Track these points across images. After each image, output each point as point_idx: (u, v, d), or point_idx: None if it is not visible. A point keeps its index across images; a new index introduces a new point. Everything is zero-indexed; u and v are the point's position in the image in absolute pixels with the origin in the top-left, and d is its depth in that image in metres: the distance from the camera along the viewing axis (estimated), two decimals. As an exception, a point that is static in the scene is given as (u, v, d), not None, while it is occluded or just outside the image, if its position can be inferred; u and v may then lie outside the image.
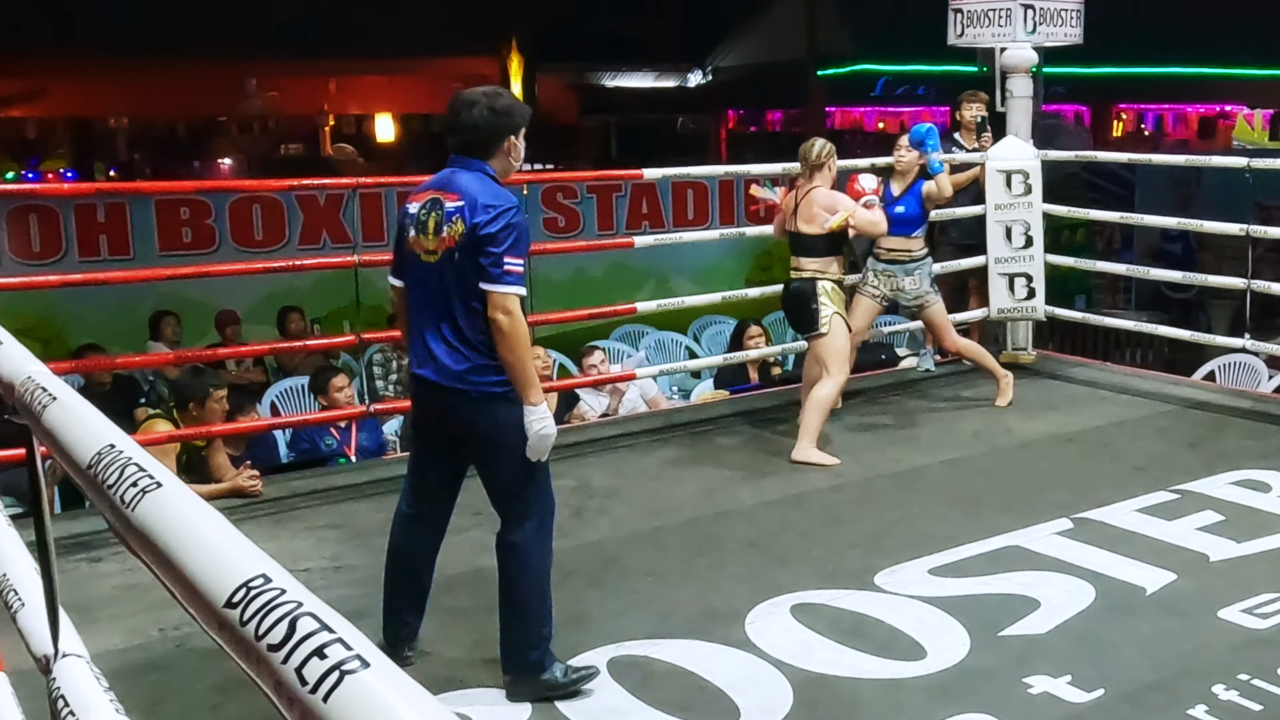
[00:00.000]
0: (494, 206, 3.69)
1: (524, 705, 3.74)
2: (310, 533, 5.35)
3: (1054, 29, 7.82)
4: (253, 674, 1.11)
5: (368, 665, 0.99)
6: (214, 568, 1.23)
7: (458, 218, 3.70)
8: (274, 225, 10.65)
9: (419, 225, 3.80)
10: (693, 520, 5.42)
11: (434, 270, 3.76)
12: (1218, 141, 24.94)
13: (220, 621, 1.17)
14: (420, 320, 3.84)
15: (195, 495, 1.45)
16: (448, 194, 3.77)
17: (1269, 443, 6.33)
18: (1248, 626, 4.17)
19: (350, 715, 0.96)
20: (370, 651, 1.01)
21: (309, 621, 1.05)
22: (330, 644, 1.01)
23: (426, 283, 3.80)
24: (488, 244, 3.66)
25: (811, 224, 6.17)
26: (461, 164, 3.85)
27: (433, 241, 3.75)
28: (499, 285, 3.67)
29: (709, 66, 26.30)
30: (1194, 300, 13.44)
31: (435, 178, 3.90)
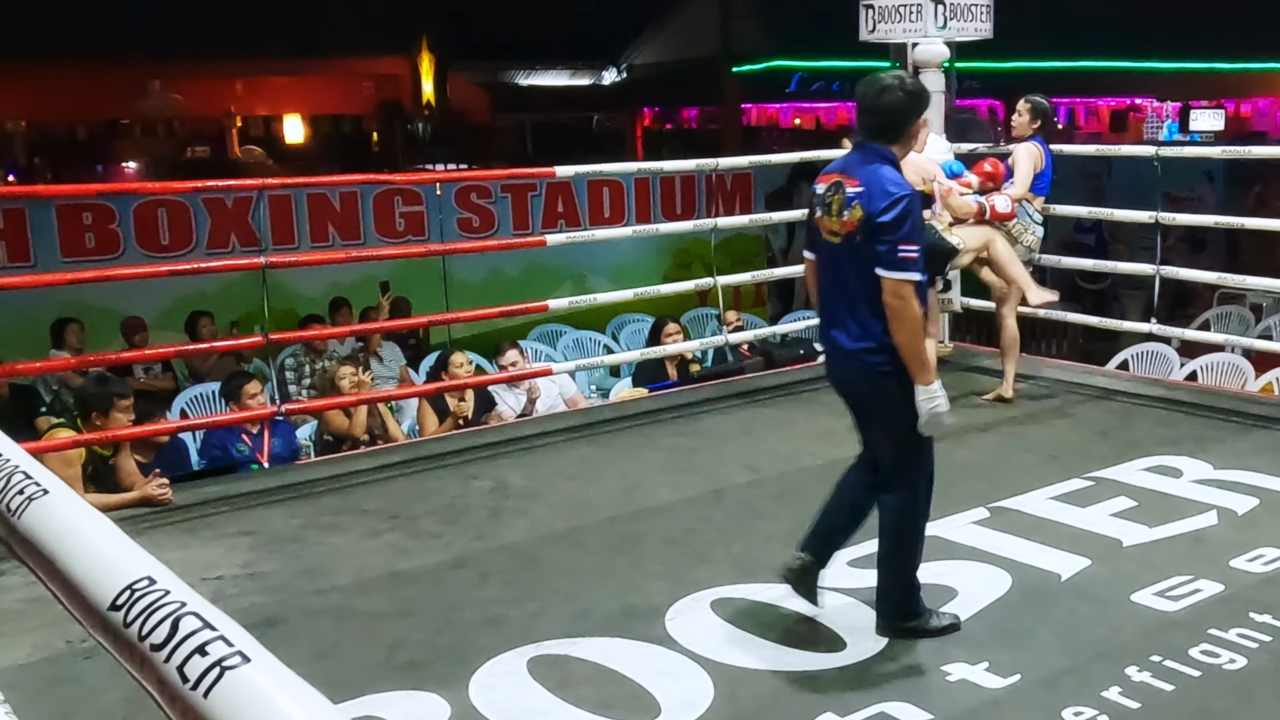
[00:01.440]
0: (891, 194, 3.82)
1: (444, 707, 3.68)
2: (222, 540, 5.25)
3: (965, 24, 7.88)
4: (138, 675, 1.12)
5: (248, 660, 1.00)
6: (98, 571, 1.24)
7: (857, 203, 3.86)
8: (180, 229, 10.46)
9: (824, 205, 3.99)
10: (611, 519, 5.39)
11: (837, 250, 3.96)
12: (1129, 134, 25.44)
13: (104, 624, 1.18)
14: (826, 294, 4.07)
15: (83, 501, 1.42)
16: (849, 179, 3.92)
17: (1180, 429, 6.43)
18: (1160, 609, 4.22)
19: (230, 710, 0.98)
20: (252, 648, 1.00)
21: (191, 620, 1.06)
22: (211, 641, 1.03)
23: (832, 260, 4.02)
24: (884, 231, 3.80)
25: None
26: (867, 148, 3.98)
27: (835, 223, 3.94)
28: (894, 271, 3.81)
29: (623, 64, 26.33)
30: (1108, 291, 13.68)
31: (841, 160, 4.09)
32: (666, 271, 12.43)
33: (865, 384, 4.02)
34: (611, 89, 26.94)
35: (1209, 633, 3.99)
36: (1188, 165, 8.05)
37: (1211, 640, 3.94)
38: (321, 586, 4.72)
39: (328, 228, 11.02)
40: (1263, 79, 27.12)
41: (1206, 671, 3.75)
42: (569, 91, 26.85)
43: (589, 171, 7.89)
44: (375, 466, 6.27)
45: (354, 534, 5.30)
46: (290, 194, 10.64)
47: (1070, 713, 3.52)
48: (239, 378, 7.05)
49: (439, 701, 3.73)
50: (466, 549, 5.07)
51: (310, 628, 4.34)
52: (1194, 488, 5.46)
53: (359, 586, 4.71)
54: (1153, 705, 3.56)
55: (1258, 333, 9.71)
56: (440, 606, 4.48)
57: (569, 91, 26.85)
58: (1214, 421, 6.56)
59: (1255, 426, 6.39)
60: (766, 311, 13.05)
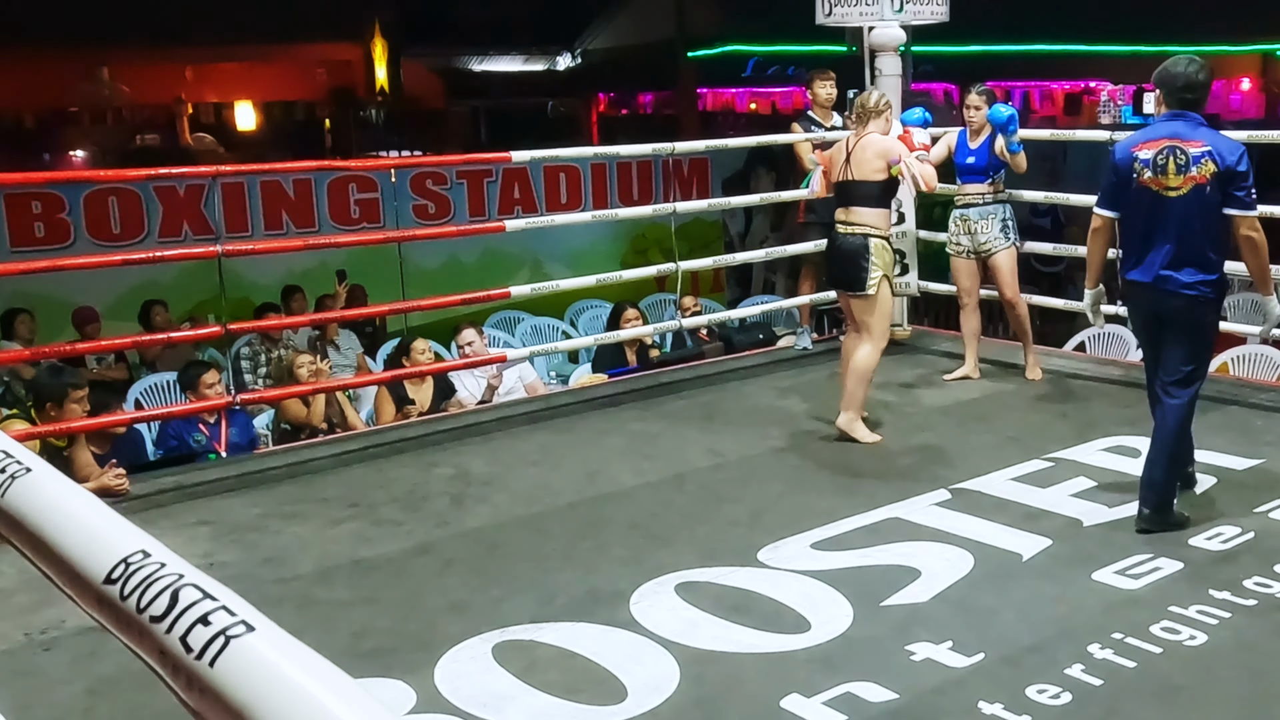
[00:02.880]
0: (1238, 148, 4.63)
1: (409, 694, 3.67)
2: (180, 530, 5.19)
3: (920, 7, 7.91)
4: (135, 648, 1.12)
5: (253, 629, 1.00)
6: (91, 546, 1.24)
7: (1207, 159, 4.57)
8: (132, 218, 10.32)
9: (1156, 168, 4.65)
10: (574, 504, 5.39)
11: (1175, 203, 4.62)
12: (1083, 117, 25.61)
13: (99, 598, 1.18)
14: (1147, 241, 4.71)
15: (67, 479, 1.40)
16: (1188, 142, 4.61)
17: (1137, 410, 6.42)
18: (1120, 587, 4.26)
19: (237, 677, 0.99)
20: (256, 617, 1.00)
21: (192, 591, 1.07)
22: (214, 611, 1.04)
23: (1167, 212, 4.64)
24: (1239, 179, 4.57)
25: (869, 169, 5.98)
26: (1183, 117, 4.69)
27: (1177, 180, 4.60)
28: (1248, 210, 4.62)
29: (578, 49, 26.23)
30: (1063, 274, 13.77)
31: (1159, 129, 4.74)
32: (623, 257, 12.40)
33: (1192, 310, 4.68)
34: (566, 74, 26.85)
35: (1170, 610, 4.03)
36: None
37: (1172, 617, 3.98)
38: (283, 575, 4.69)
39: (282, 215, 10.92)
40: (1215, 61, 27.28)
41: (1168, 648, 3.79)
42: (523, 77, 26.74)
43: (545, 157, 7.87)
44: (334, 455, 6.24)
45: (314, 523, 5.27)
46: (243, 181, 10.53)
47: (1034, 690, 3.54)
48: (196, 367, 6.98)
49: (404, 689, 3.71)
50: (429, 536, 5.05)
51: (272, 617, 4.19)
52: (1152, 467, 5.50)
53: (321, 575, 4.68)
54: (1115, 682, 3.59)
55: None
56: (403, 594, 4.46)
57: (523, 77, 26.74)
58: (1170, 401, 6.60)
59: (1212, 406, 6.42)
60: (725, 296, 13.06)
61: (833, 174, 6.20)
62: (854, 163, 6.04)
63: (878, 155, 5.99)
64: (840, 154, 6.17)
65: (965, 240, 7.11)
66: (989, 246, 7.06)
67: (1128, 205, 4.81)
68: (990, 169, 7.05)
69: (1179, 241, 4.63)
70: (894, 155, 5.98)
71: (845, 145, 6.16)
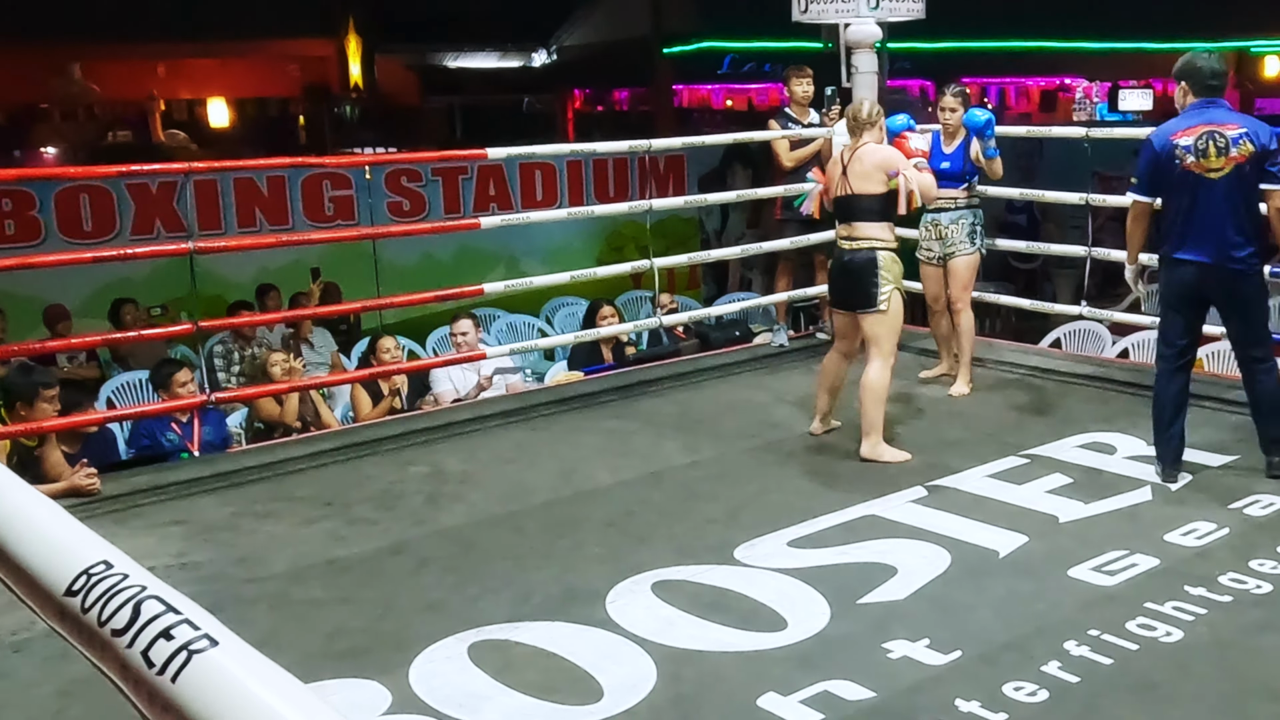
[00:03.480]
0: (1267, 129, 5.04)
1: (384, 694, 3.64)
2: (153, 530, 5.16)
3: (896, 4, 7.90)
4: (97, 661, 1.10)
5: (216, 644, 0.97)
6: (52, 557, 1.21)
7: (1245, 140, 4.95)
8: (104, 215, 10.27)
9: (1198, 152, 4.98)
10: (550, 502, 5.36)
11: (1218, 184, 4.98)
12: (1058, 114, 25.67)
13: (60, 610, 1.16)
14: (1192, 222, 5.05)
15: (29, 486, 1.36)
16: (1225, 125, 4.99)
17: (1113, 406, 6.50)
18: (1097, 584, 4.27)
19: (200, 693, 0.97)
20: (219, 631, 0.97)
21: (154, 604, 1.03)
22: (177, 625, 1.00)
23: (1207, 193, 4.99)
24: (1273, 156, 4.99)
25: (868, 183, 5.81)
26: (1213, 104, 5.08)
27: (1219, 161, 4.97)
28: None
29: (553, 46, 26.15)
30: (1039, 270, 13.83)
31: (1194, 116, 5.06)
32: (599, 254, 12.40)
33: (1246, 282, 5.10)
34: (542, 71, 26.77)
35: (1145, 606, 4.03)
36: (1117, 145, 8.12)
37: (1148, 614, 3.98)
38: (256, 575, 4.65)
39: (255, 212, 10.87)
40: (1192, 59, 27.45)
41: (1144, 644, 3.79)
42: (499, 74, 26.65)
43: (521, 154, 7.84)
44: (308, 453, 6.19)
45: (288, 522, 5.23)
46: (216, 178, 10.49)
47: (1011, 688, 3.54)
48: (168, 366, 6.92)
49: (379, 689, 3.68)
50: (404, 535, 5.02)
51: (245, 617, 4.26)
52: (1128, 464, 5.53)
53: (295, 575, 4.65)
54: (1092, 679, 3.59)
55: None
56: (378, 593, 4.43)
57: (499, 74, 26.65)
58: (1146, 398, 6.53)
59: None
60: (701, 293, 13.06)
61: (830, 190, 6.02)
62: (852, 176, 5.84)
63: (877, 167, 5.80)
64: (836, 168, 5.98)
65: (935, 246, 7.03)
66: (952, 250, 7.00)
67: (1170, 190, 5.13)
68: (966, 174, 6.99)
69: (1225, 220, 5.00)
70: (893, 168, 5.82)
71: (840, 159, 5.99)
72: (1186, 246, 5.09)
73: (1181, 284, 5.21)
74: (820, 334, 8.36)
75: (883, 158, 5.85)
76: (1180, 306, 5.27)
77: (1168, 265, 5.24)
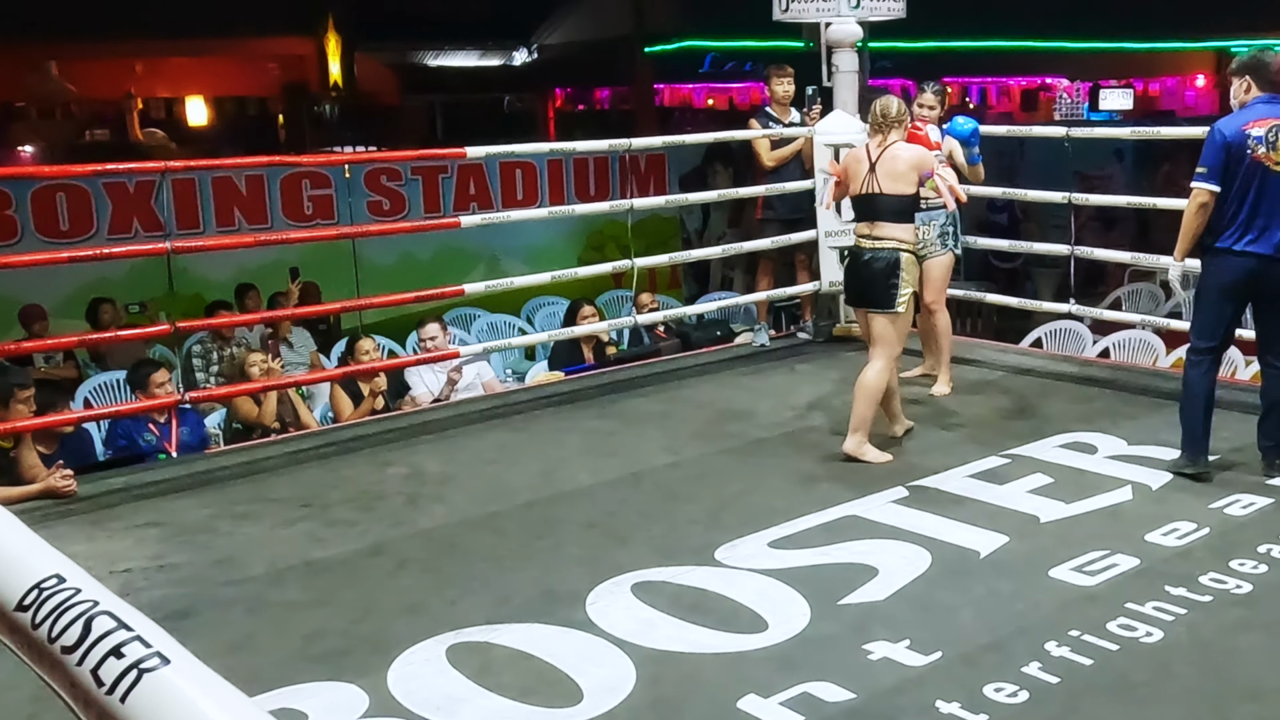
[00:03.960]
0: None
1: (362, 697, 3.61)
2: (130, 532, 5.12)
3: (877, 3, 7.91)
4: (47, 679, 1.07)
5: (168, 662, 0.94)
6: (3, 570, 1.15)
7: None
8: (81, 214, 10.20)
9: (1269, 144, 5.05)
10: (530, 503, 5.34)
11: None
12: (1039, 113, 25.75)
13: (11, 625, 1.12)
14: (1258, 214, 5.07)
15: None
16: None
17: (1093, 406, 6.51)
18: (1077, 584, 4.26)
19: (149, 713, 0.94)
20: (172, 648, 0.94)
21: (105, 620, 1.00)
22: (128, 642, 0.97)
23: (1273, 186, 5.06)
24: None
25: (899, 183, 5.72)
26: (1276, 99, 5.12)
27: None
28: None
29: (534, 44, 26.09)
30: (1020, 269, 13.86)
31: (1263, 109, 5.11)
32: (580, 254, 12.37)
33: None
34: (523, 69, 26.69)
35: (1126, 606, 4.03)
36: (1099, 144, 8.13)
37: (1129, 614, 3.98)
38: (234, 577, 4.62)
39: (233, 212, 10.82)
40: (1170, 58, 27.62)
41: (1124, 645, 3.79)
42: (479, 72, 26.56)
43: (501, 153, 7.82)
44: (287, 454, 6.16)
45: (266, 523, 5.20)
46: (194, 177, 10.42)
47: (991, 689, 3.53)
48: (146, 366, 6.87)
49: (357, 692, 3.66)
50: (383, 536, 4.99)
51: (223, 620, 4.24)
52: (1109, 463, 5.53)
53: (273, 577, 4.62)
54: (1072, 679, 3.59)
55: (1167, 310, 9.88)
56: (357, 595, 4.40)
57: (479, 72, 26.56)
58: (1127, 397, 6.65)
59: (1167, 402, 6.44)
60: (682, 293, 13.04)
61: (852, 186, 5.93)
62: (882, 175, 5.73)
63: (912, 167, 5.74)
64: (861, 165, 5.84)
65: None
66: (924, 251, 6.96)
67: (1233, 181, 5.09)
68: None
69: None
70: (928, 168, 5.79)
71: (866, 156, 5.85)
72: (1247, 238, 5.09)
73: (1235, 277, 5.18)
74: (801, 334, 8.36)
75: (917, 158, 5.80)
76: (1227, 300, 5.25)
77: (1219, 256, 5.18)
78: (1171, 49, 26.87)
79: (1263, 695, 3.51)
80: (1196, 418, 5.29)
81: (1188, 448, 5.31)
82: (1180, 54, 27.45)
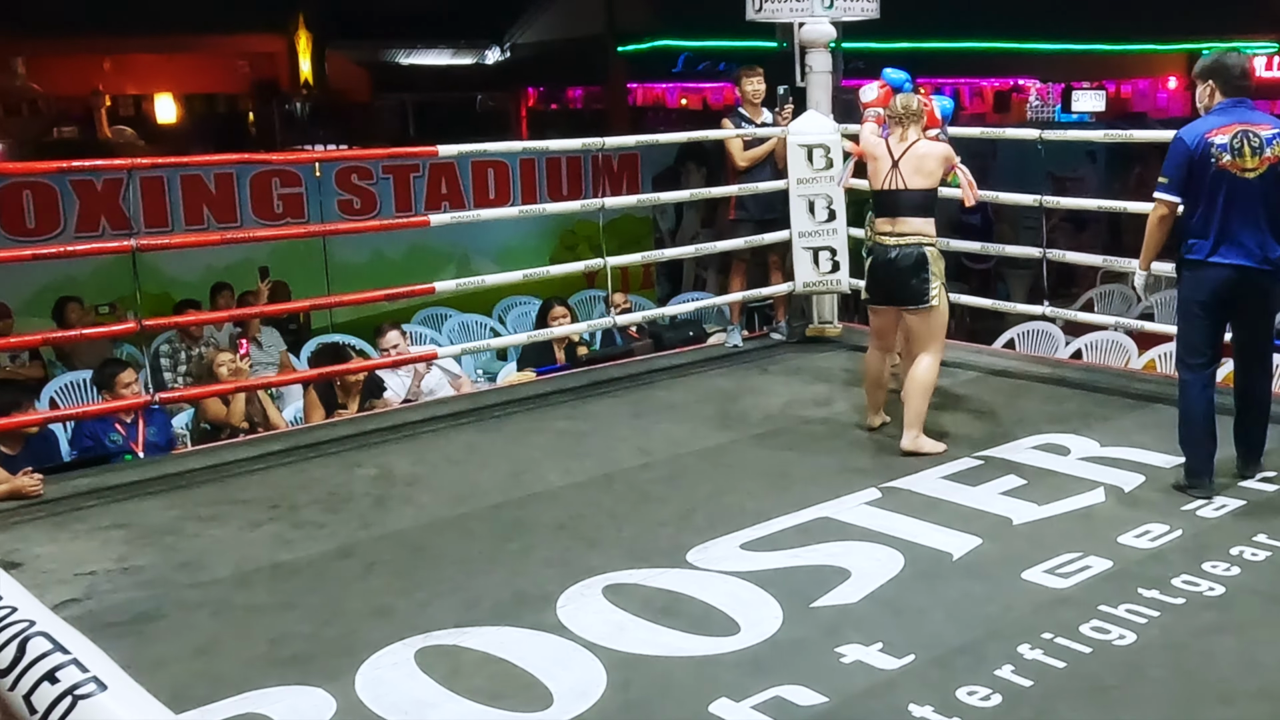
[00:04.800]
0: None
1: (330, 701, 3.57)
2: (95, 534, 5.05)
3: (851, 3, 7.90)
4: None
5: (104, 688, 0.89)
6: None
7: (1278, 141, 4.89)
8: (47, 212, 10.10)
9: (1234, 151, 4.87)
10: (500, 505, 5.29)
11: (1253, 184, 4.88)
12: (1012, 115, 25.84)
13: None
14: (1229, 223, 4.90)
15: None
16: (1257, 125, 4.91)
17: (1066, 407, 6.51)
18: (1050, 586, 4.25)
19: None
20: (110, 673, 0.89)
21: (41, 642, 0.95)
22: (63, 666, 0.92)
23: (1245, 194, 4.88)
24: None
25: (925, 179, 5.75)
26: (1243, 104, 4.97)
27: (1254, 161, 4.87)
28: None
29: (507, 43, 26.03)
30: (993, 271, 13.88)
31: (1227, 115, 4.94)
32: (552, 253, 12.33)
33: (1272, 282, 4.96)
34: (495, 68, 26.61)
35: (1099, 609, 4.02)
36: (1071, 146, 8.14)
37: (1102, 616, 3.97)
38: (200, 580, 4.57)
39: (202, 210, 10.72)
40: (1142, 60, 27.78)
41: (1097, 648, 3.78)
42: (451, 71, 26.46)
43: (473, 151, 7.77)
44: (255, 455, 6.10)
45: (233, 525, 5.14)
46: (162, 175, 10.33)
47: (964, 692, 3.52)
48: (112, 365, 6.80)
49: (324, 696, 3.62)
50: (351, 538, 4.94)
51: (188, 622, 4.19)
52: (1082, 465, 5.52)
53: (239, 579, 4.56)
54: (1045, 682, 3.57)
55: (1139, 311, 9.89)
56: (324, 598, 4.36)
57: (451, 71, 26.46)
58: (1100, 399, 6.65)
59: (1140, 404, 6.48)
60: (655, 293, 13.02)
61: (873, 182, 5.92)
62: (907, 171, 5.75)
63: (941, 164, 5.79)
64: (884, 160, 5.84)
65: None
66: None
67: (1200, 190, 4.95)
68: None
69: (1260, 221, 4.91)
70: (951, 161, 5.83)
71: (887, 151, 5.85)
72: (1222, 249, 4.93)
73: (1214, 288, 5.00)
74: (775, 334, 8.34)
75: (945, 154, 5.85)
76: (1209, 312, 5.05)
77: (1195, 269, 5.03)
78: (1143, 51, 27.01)
79: (1235, 698, 3.50)
80: (1199, 440, 5.11)
81: (1194, 470, 5.12)
82: (1152, 56, 27.60)
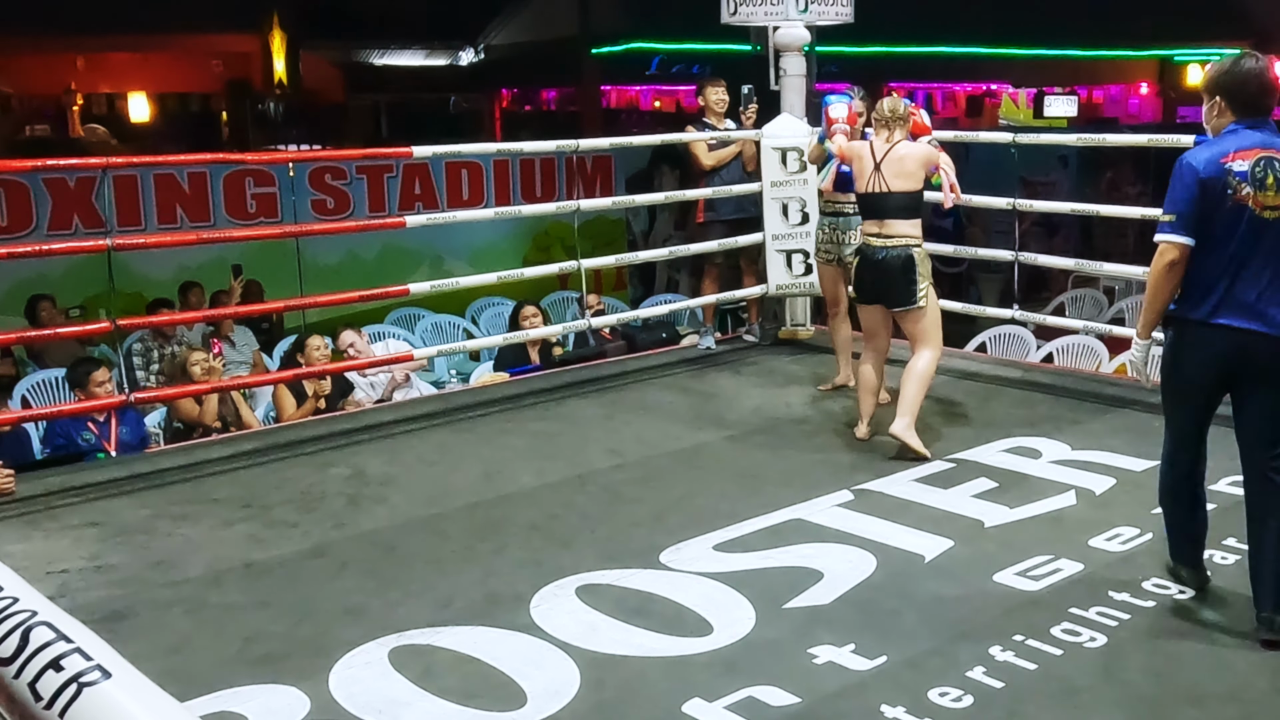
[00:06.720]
0: None
1: (303, 700, 3.56)
2: (67, 532, 5.03)
3: (825, 8, 7.92)
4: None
5: (109, 675, 0.90)
6: None
7: None
8: (20, 210, 10.06)
9: (1256, 182, 3.81)
10: (473, 505, 5.29)
11: (1273, 227, 3.81)
12: (985, 119, 25.97)
13: None
14: (1240, 274, 3.84)
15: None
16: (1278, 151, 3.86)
17: (1037, 410, 6.55)
18: (1021, 589, 4.28)
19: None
20: (113, 661, 0.90)
21: (44, 632, 0.96)
22: (67, 655, 0.93)
23: (1261, 237, 3.82)
24: None
25: (908, 181, 5.78)
26: (1265, 124, 3.90)
27: (1277, 198, 3.81)
28: None
29: (481, 44, 25.98)
30: (964, 274, 13.96)
31: (1250, 138, 3.89)
32: (526, 254, 12.34)
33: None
34: (469, 69, 26.56)
35: (1070, 611, 4.05)
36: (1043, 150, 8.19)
37: (1073, 619, 4.00)
38: (172, 579, 4.55)
39: (176, 209, 10.69)
40: (1114, 66, 27.94)
41: (1068, 650, 3.80)
42: (425, 72, 26.40)
43: (447, 152, 7.76)
44: (228, 455, 6.08)
45: (206, 524, 5.12)
46: (136, 174, 10.30)
47: (936, 693, 3.54)
48: (86, 364, 6.77)
49: (297, 695, 3.61)
50: (324, 538, 4.93)
51: (161, 621, 4.18)
52: (1053, 468, 5.56)
53: (212, 578, 4.55)
54: (1016, 684, 3.60)
55: (1110, 315, 9.97)
56: (297, 597, 4.35)
57: (425, 72, 26.40)
58: (1071, 403, 6.69)
59: (1110, 408, 6.53)
60: (628, 295, 13.03)
61: (857, 185, 5.95)
62: (889, 173, 5.78)
63: (920, 165, 5.83)
64: (866, 164, 5.87)
65: (832, 248, 6.88)
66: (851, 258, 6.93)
67: (1211, 228, 3.86)
68: None
69: (1277, 273, 3.85)
70: (934, 163, 5.89)
71: (870, 155, 5.87)
72: (1229, 308, 3.85)
73: (1215, 359, 3.92)
74: (748, 336, 8.36)
75: (925, 155, 5.89)
76: (1203, 389, 4.00)
77: (1190, 331, 3.96)
78: (1115, 57, 27.18)
79: (1205, 700, 3.53)
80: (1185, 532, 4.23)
81: (1180, 557, 4.28)
82: (1124, 62, 27.77)
